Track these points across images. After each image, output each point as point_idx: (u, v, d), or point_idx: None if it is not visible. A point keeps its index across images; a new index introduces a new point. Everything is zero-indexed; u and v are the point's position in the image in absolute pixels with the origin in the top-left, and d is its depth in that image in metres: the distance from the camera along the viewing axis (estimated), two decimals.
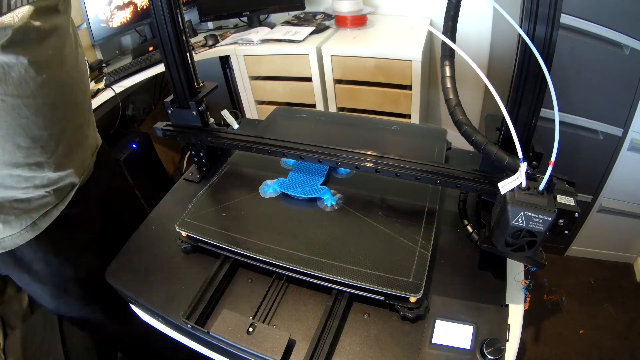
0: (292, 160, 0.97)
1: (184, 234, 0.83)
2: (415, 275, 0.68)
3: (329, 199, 0.85)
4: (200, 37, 2.10)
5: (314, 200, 0.86)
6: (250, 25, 2.15)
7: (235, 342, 0.66)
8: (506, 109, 0.61)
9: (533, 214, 0.64)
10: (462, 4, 0.69)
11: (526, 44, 0.56)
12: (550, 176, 0.63)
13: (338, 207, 0.84)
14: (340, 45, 1.82)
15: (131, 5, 1.95)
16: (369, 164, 0.79)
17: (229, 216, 0.84)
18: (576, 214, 0.63)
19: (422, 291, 0.66)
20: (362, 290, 0.69)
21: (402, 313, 0.68)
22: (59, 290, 0.96)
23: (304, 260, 0.72)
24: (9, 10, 0.65)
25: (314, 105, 1.98)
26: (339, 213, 0.83)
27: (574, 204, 0.63)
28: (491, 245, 0.68)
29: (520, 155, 0.61)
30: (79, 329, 1.13)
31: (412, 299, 0.67)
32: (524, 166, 0.63)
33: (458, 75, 0.71)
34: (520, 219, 0.65)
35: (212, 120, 1.00)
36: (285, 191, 0.87)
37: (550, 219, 0.64)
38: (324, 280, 0.71)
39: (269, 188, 0.89)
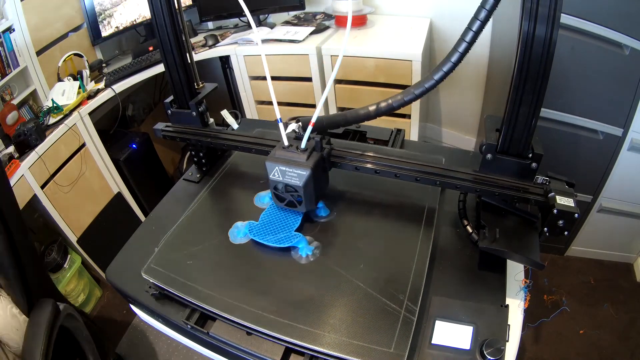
0: (266, 198, 0.89)
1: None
2: (397, 345, 0.60)
3: (304, 249, 0.76)
4: (200, 37, 2.10)
5: (287, 248, 0.77)
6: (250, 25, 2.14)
7: (235, 342, 0.66)
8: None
9: (287, 169, 0.71)
10: (462, 4, 0.69)
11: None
12: (310, 135, 0.72)
13: (314, 258, 0.75)
14: (341, 45, 1.82)
15: (131, 5, 1.95)
16: (369, 165, 0.79)
17: (195, 264, 0.77)
18: (576, 215, 0.63)
19: None
20: None
21: None
22: None
23: (273, 323, 0.65)
24: None
25: (314, 106, 1.98)
26: (315, 265, 0.74)
27: (573, 205, 0.63)
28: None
29: (277, 115, 0.73)
30: None
31: None
32: (281, 126, 0.73)
33: (458, 75, 0.71)
34: (276, 173, 0.73)
35: (212, 120, 1.00)
36: (256, 239, 0.78)
37: (305, 173, 0.71)
38: (295, 345, 0.65)
39: (239, 232, 0.81)
